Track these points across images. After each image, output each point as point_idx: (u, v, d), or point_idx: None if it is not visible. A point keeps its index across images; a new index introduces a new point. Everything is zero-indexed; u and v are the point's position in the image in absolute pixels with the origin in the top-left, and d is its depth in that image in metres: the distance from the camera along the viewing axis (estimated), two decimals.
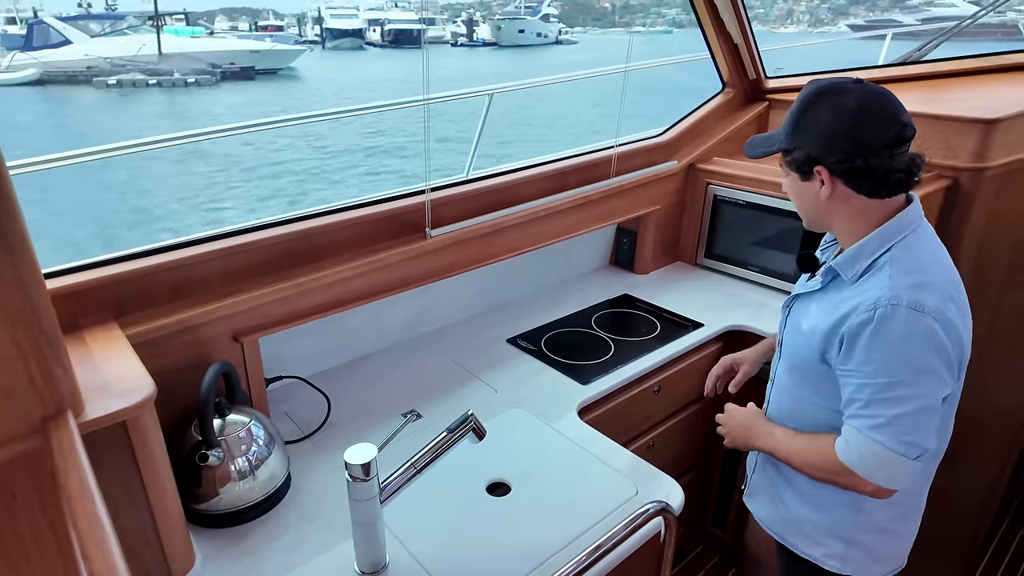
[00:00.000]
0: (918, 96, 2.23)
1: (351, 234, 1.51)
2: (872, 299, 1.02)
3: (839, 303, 1.09)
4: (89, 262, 1.22)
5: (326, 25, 50.83)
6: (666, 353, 1.78)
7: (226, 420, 1.21)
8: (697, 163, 2.27)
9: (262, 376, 1.42)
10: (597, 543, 0.97)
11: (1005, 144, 1.95)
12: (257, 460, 1.21)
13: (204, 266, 1.31)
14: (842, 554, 1.22)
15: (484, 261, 1.80)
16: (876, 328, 1.00)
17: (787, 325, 1.26)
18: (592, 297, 2.12)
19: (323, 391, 1.52)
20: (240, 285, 1.35)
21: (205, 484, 1.16)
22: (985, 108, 1.94)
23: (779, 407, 1.28)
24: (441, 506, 1.22)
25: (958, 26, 2.55)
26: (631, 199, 2.17)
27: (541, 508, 1.21)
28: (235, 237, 1.37)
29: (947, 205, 2.01)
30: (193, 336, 1.28)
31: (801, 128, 1.07)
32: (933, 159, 2.01)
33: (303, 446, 1.40)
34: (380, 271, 1.55)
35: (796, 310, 1.24)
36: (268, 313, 1.39)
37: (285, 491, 1.26)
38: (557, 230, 1.99)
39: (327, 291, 1.47)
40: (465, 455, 1.34)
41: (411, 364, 1.71)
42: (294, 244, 1.43)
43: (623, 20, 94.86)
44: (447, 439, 1.07)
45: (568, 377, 1.66)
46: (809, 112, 1.06)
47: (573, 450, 1.38)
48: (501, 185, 1.80)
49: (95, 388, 0.95)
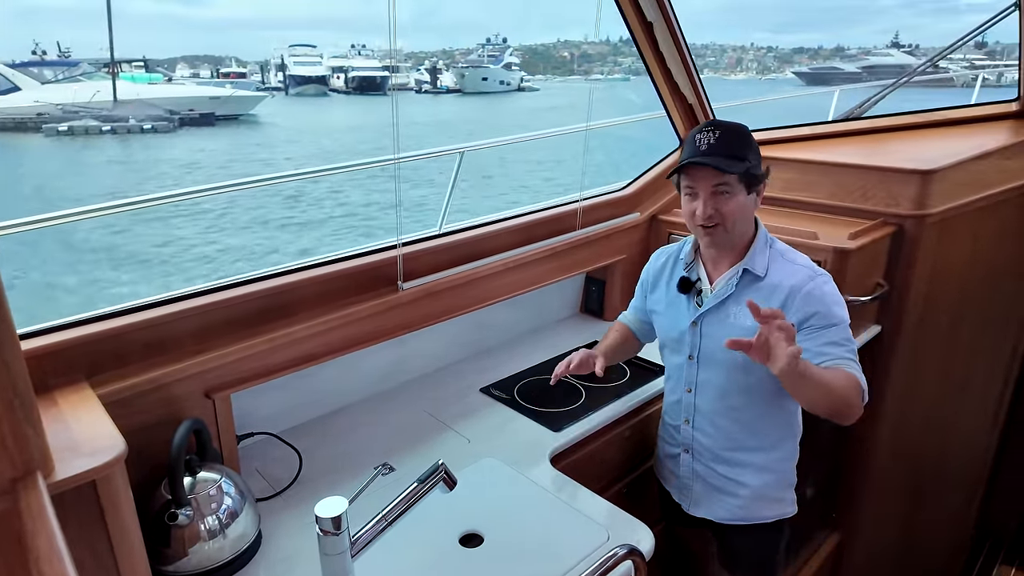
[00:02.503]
0: (861, 149, 2.39)
1: (323, 289, 1.55)
2: (804, 275, 1.36)
3: (768, 295, 1.37)
4: (62, 323, 1.23)
5: (289, 72, 51.25)
6: (637, 398, 1.82)
7: (196, 478, 1.20)
8: (659, 215, 2.38)
9: (234, 433, 1.42)
10: None
11: (942, 192, 2.09)
12: (227, 518, 1.20)
13: (177, 324, 1.33)
14: (791, 497, 1.55)
15: (456, 312, 1.84)
16: (822, 293, 1.34)
17: (706, 343, 1.47)
18: (563, 344, 2.17)
19: (294, 446, 1.52)
20: (212, 342, 1.37)
21: (174, 544, 1.15)
22: (922, 160, 2.09)
23: (728, 431, 1.49)
24: (413, 560, 1.22)
25: (896, 83, 2.75)
26: (597, 249, 2.25)
27: (514, 558, 1.22)
28: (207, 296, 1.40)
29: (894, 250, 2.13)
30: (165, 394, 1.29)
31: (752, 151, 1.36)
32: (877, 207, 2.14)
33: (274, 503, 1.39)
34: (353, 324, 1.58)
35: (709, 324, 1.46)
36: (240, 369, 1.40)
37: (256, 549, 1.25)
38: (527, 280, 2.05)
39: (299, 346, 1.49)
40: (437, 506, 1.35)
41: (384, 416, 1.73)
42: (266, 301, 1.46)
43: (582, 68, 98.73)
44: (417, 489, 1.08)
45: (540, 425, 1.68)
46: (750, 139, 1.37)
47: (545, 498, 1.39)
48: (471, 238, 1.86)
49: (65, 448, 0.95)
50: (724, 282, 1.44)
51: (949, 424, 2.56)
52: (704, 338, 1.47)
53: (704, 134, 1.35)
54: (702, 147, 1.34)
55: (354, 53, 58.56)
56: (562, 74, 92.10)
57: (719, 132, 1.34)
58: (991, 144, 2.17)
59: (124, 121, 23.93)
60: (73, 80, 26.51)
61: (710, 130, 1.35)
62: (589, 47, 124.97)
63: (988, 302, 2.49)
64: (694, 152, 1.35)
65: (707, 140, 1.34)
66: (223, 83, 42.04)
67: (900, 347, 2.21)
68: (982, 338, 2.56)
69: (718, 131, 1.34)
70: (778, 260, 1.41)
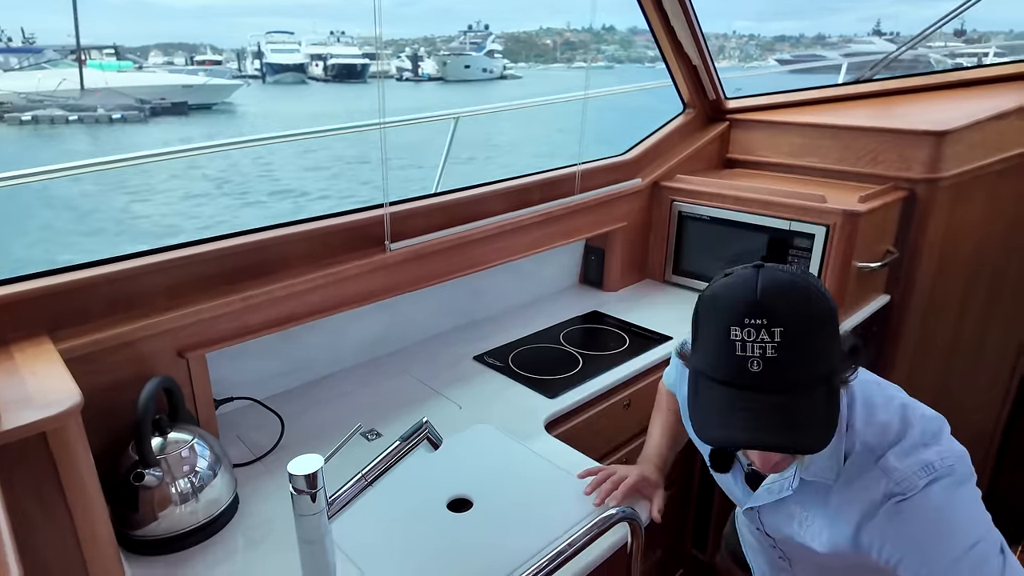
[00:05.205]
0: (871, 112, 2.29)
1: (305, 247, 1.47)
2: (880, 491, 0.90)
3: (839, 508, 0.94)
4: (22, 275, 1.16)
5: (266, 60, 50.32)
6: (635, 366, 1.75)
7: (167, 438, 1.13)
8: (661, 181, 2.29)
9: (210, 395, 1.35)
10: (558, 549, 0.92)
11: (955, 156, 2.00)
12: (201, 481, 1.13)
13: (146, 279, 1.25)
14: None
15: (448, 276, 1.77)
16: (910, 519, 0.89)
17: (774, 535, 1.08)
18: (561, 314, 2.09)
19: (277, 412, 1.45)
20: (185, 299, 1.29)
21: (143, 507, 1.08)
22: (935, 121, 2.00)
23: None
24: (398, 525, 1.15)
25: (874, 68, 2.64)
26: (597, 216, 2.16)
27: (505, 523, 1.15)
28: (181, 249, 1.32)
29: (905, 216, 2.04)
30: (133, 352, 1.21)
31: (833, 344, 0.84)
32: (888, 171, 2.06)
33: (254, 468, 1.32)
34: (336, 284, 1.50)
35: (770, 516, 1.05)
36: (216, 328, 1.32)
37: (232, 514, 1.18)
38: (523, 245, 1.97)
39: (279, 305, 1.41)
40: (425, 472, 1.29)
41: (373, 383, 1.65)
42: (244, 257, 1.38)
43: (564, 56, 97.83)
44: (400, 448, 1.01)
45: (536, 392, 1.61)
46: (827, 323, 0.83)
47: (540, 464, 1.32)
48: (463, 200, 1.78)
49: (15, 401, 0.88)
50: (779, 480, 1.01)
51: (958, 397, 2.49)
52: (770, 529, 1.09)
53: (751, 341, 0.78)
54: (752, 368, 0.78)
55: (333, 40, 57.69)
56: (545, 62, 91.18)
57: (778, 333, 0.77)
58: (1009, 104, 2.08)
59: (92, 110, 22.93)
60: (38, 68, 25.25)
61: (760, 324, 0.77)
62: (572, 35, 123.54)
63: (1004, 269, 2.40)
64: (729, 376, 0.80)
65: (757, 355, 0.78)
66: (197, 71, 41.12)
67: (910, 317, 2.13)
68: (996, 307, 2.48)
69: (775, 329, 0.77)
70: (859, 452, 0.91)
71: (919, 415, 0.95)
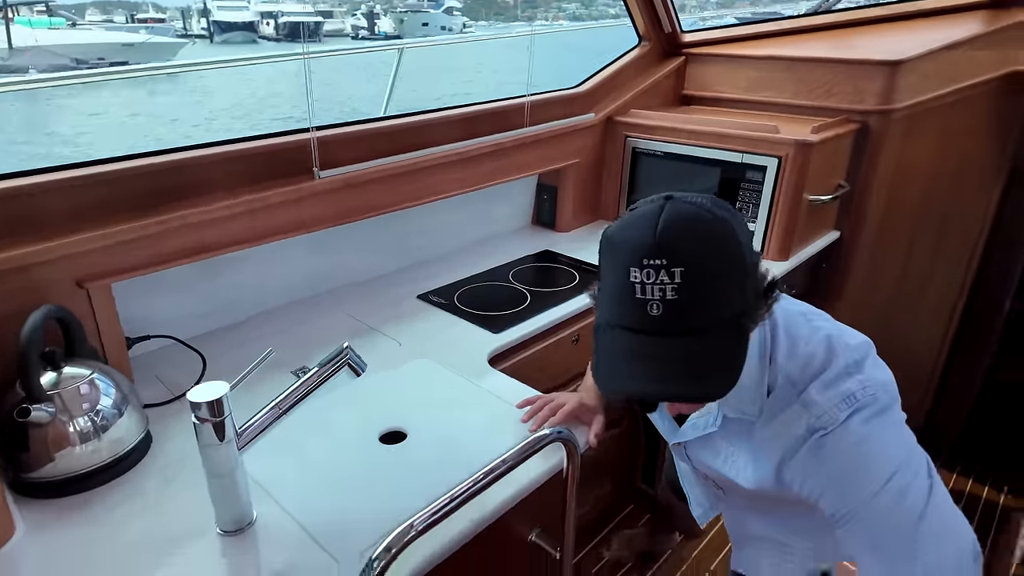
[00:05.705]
0: (826, 44, 2.24)
1: (225, 170, 1.34)
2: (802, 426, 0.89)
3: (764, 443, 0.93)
4: None
5: (213, 18, 47.46)
6: (584, 301, 1.69)
7: (61, 373, 1.03)
8: (615, 116, 2.21)
9: (120, 331, 1.24)
10: (488, 468, 0.86)
11: (908, 86, 1.97)
12: (104, 419, 1.03)
13: (42, 199, 1.12)
14: None
15: (386, 208, 1.66)
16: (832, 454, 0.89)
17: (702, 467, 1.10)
18: (511, 254, 2.01)
19: (198, 350, 1.35)
20: (88, 223, 1.16)
21: (35, 447, 0.98)
22: (890, 51, 1.95)
23: None
24: (323, 459, 1.08)
25: None
26: (548, 151, 2.07)
27: (438, 453, 1.09)
28: (84, 168, 1.18)
29: (857, 149, 2.01)
30: (24, 279, 1.09)
31: (741, 278, 0.79)
32: (841, 103, 2.02)
33: (172, 407, 1.23)
34: (260, 212, 1.39)
35: (696, 451, 1.06)
36: (123, 256, 1.20)
37: (143, 453, 1.09)
38: (469, 180, 1.87)
39: (196, 232, 1.29)
40: (358, 407, 1.21)
41: (304, 323, 1.56)
42: (156, 179, 1.25)
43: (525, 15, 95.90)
44: (318, 374, 0.93)
45: (480, 327, 1.54)
46: (734, 257, 0.79)
47: (480, 396, 1.26)
48: (402, 126, 1.67)
49: None
50: (703, 416, 1.01)
51: (901, 330, 2.53)
52: (697, 464, 1.11)
53: (650, 283, 0.72)
54: (652, 312, 0.73)
55: None
56: (505, 20, 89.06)
57: (678, 273, 0.71)
58: (961, 34, 2.04)
59: (23, 72, 21.36)
60: None
61: (659, 265, 0.72)
62: None
63: (952, 203, 2.42)
64: (631, 321, 0.75)
65: (657, 298, 0.72)
66: (138, 28, 38.43)
67: (859, 252, 2.13)
68: (944, 240, 2.50)
69: (675, 269, 0.71)
70: (781, 386, 0.88)
71: (843, 344, 0.92)
